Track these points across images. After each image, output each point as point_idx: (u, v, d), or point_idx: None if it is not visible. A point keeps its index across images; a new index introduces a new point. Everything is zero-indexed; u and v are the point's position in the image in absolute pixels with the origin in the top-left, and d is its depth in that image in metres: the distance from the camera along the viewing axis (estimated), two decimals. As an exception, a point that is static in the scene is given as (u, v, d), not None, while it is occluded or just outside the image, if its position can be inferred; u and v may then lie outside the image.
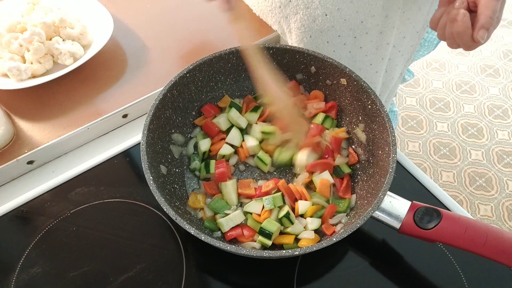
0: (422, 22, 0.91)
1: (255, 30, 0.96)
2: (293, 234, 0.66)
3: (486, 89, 2.29)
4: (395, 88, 1.09)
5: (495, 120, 2.15)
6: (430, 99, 2.25)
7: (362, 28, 0.84)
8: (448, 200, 0.72)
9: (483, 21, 0.55)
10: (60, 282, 0.64)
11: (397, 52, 0.93)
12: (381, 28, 0.85)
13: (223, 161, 0.73)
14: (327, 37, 0.86)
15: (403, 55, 0.96)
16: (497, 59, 2.44)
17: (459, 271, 0.65)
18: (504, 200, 1.86)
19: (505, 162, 1.98)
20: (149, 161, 0.63)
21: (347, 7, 0.81)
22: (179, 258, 0.66)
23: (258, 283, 0.66)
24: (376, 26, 0.84)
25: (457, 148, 2.04)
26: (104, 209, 0.72)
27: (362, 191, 0.69)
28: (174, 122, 0.74)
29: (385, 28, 0.85)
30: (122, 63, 0.91)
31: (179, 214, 0.58)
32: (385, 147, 0.66)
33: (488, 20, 0.55)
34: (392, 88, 1.05)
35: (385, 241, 0.68)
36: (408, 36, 0.91)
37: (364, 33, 0.85)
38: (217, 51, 0.75)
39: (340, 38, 0.86)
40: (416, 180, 0.75)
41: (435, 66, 2.41)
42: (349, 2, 0.80)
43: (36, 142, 0.77)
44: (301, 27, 0.87)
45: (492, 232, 0.55)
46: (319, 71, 0.76)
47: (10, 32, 0.86)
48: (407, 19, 0.87)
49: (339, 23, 0.83)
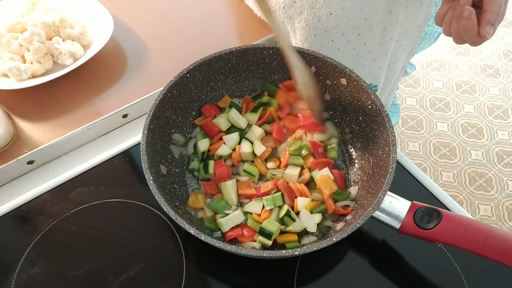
0: (423, 16, 0.91)
1: (255, 30, 0.96)
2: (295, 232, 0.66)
3: (486, 89, 2.29)
4: (397, 81, 1.10)
5: (495, 120, 2.15)
6: (430, 99, 2.25)
7: (366, 25, 0.84)
8: (448, 200, 0.72)
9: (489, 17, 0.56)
10: (60, 282, 0.64)
11: (399, 46, 0.94)
12: (385, 24, 0.85)
13: (222, 161, 0.73)
14: (332, 36, 0.87)
15: (405, 49, 0.97)
16: (497, 59, 2.44)
17: (459, 271, 0.65)
18: (504, 200, 1.86)
19: (505, 162, 1.98)
20: (149, 161, 0.63)
21: (352, 6, 0.81)
22: (179, 258, 0.66)
23: (258, 283, 0.66)
24: (380, 23, 0.85)
25: (457, 148, 2.04)
26: (104, 209, 0.72)
27: (362, 191, 0.69)
28: (174, 122, 0.74)
29: (388, 24, 0.86)
30: (122, 63, 0.91)
31: (179, 214, 0.58)
32: (385, 147, 0.66)
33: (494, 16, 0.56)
34: (394, 81, 1.06)
35: (385, 241, 0.68)
36: (410, 31, 0.92)
37: (368, 30, 0.86)
38: (217, 51, 0.75)
39: (344, 36, 0.86)
40: (416, 180, 0.75)
41: (435, 66, 2.41)
42: (353, 1, 0.80)
43: (36, 142, 0.77)
44: (306, 27, 0.88)
45: (492, 232, 0.55)
46: (319, 71, 0.76)
47: (10, 32, 0.86)
48: (409, 14, 0.87)
49: (343, 22, 0.84)
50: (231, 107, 0.77)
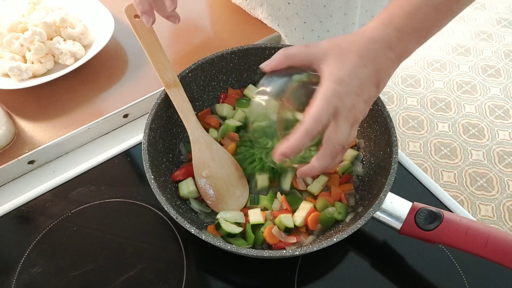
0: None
1: (255, 30, 0.96)
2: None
3: (487, 89, 2.29)
4: None
5: (496, 121, 2.15)
6: (431, 99, 2.25)
7: (326, 12, 0.85)
8: (449, 200, 0.72)
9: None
10: (60, 282, 0.64)
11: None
12: (345, 9, 0.87)
13: None
14: (294, 24, 0.88)
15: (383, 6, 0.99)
16: (498, 59, 2.44)
17: (461, 272, 0.65)
18: (505, 200, 1.86)
19: (506, 162, 1.98)
20: (150, 160, 0.63)
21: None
22: (180, 258, 0.66)
23: (258, 283, 0.66)
24: (340, 8, 0.86)
25: (458, 148, 2.04)
26: (105, 209, 0.72)
27: (363, 192, 0.69)
28: (175, 121, 0.74)
29: (348, 9, 0.87)
30: (123, 63, 0.91)
31: (180, 213, 0.58)
32: (386, 148, 0.66)
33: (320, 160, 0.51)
34: None
35: (386, 242, 0.68)
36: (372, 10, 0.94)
37: (328, 16, 0.87)
38: (219, 51, 0.75)
39: (306, 25, 0.87)
40: (417, 181, 0.75)
41: (436, 66, 2.41)
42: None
43: (37, 142, 0.77)
44: (268, 17, 0.91)
45: (493, 234, 0.55)
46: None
47: (11, 32, 0.86)
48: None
49: (302, 10, 0.85)
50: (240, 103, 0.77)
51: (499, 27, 2.62)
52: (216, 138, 0.73)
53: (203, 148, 0.69)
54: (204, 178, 0.68)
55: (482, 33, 2.60)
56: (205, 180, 0.68)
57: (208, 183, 0.68)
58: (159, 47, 0.71)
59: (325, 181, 0.70)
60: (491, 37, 2.57)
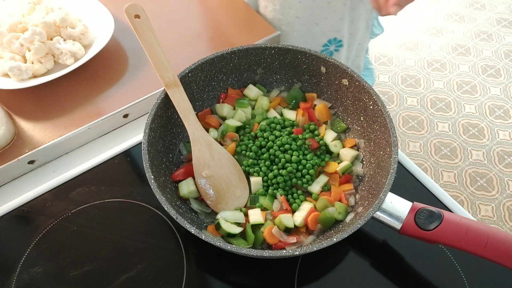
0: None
1: (255, 30, 0.96)
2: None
3: (487, 89, 2.29)
4: (365, 41, 1.12)
5: (496, 121, 2.15)
6: (431, 99, 2.25)
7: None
8: (449, 200, 0.72)
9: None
10: (61, 282, 0.64)
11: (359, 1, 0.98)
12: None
13: None
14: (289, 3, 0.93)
15: (365, 5, 1.00)
16: (498, 59, 2.43)
17: (461, 272, 0.65)
18: (505, 200, 1.86)
19: (506, 162, 1.98)
20: (150, 160, 0.63)
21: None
22: (180, 258, 0.66)
23: (258, 283, 0.66)
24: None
25: (458, 148, 2.04)
26: (105, 209, 0.72)
27: (363, 192, 0.69)
28: (175, 121, 0.74)
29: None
30: (123, 63, 0.91)
31: (180, 213, 0.58)
32: (386, 148, 0.66)
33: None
34: (360, 40, 1.09)
35: (386, 242, 0.68)
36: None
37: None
38: (219, 51, 0.75)
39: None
40: (417, 181, 0.75)
41: (436, 66, 2.41)
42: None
43: (37, 142, 0.77)
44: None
45: (493, 234, 0.55)
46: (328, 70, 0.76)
47: (11, 32, 0.86)
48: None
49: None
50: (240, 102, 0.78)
51: (499, 27, 2.62)
52: (216, 138, 0.74)
53: (203, 148, 0.69)
54: (204, 178, 0.68)
55: (482, 33, 2.60)
56: (205, 180, 0.68)
57: (208, 183, 0.68)
58: (159, 47, 0.71)
59: (325, 181, 0.70)
60: (491, 37, 2.57)
